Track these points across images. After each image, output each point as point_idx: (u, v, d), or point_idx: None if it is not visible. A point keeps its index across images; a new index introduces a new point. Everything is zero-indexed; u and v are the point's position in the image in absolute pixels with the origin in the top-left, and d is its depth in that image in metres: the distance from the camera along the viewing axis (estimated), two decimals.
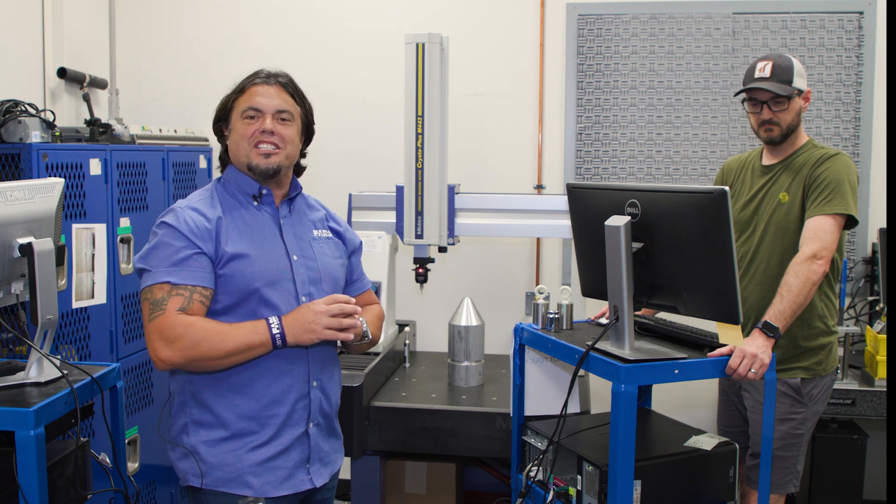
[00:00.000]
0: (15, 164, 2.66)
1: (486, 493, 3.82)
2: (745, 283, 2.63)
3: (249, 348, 1.81)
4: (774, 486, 2.55)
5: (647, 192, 2.10)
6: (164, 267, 1.83)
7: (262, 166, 1.93)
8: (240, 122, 1.94)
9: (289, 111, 1.96)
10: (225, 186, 1.99)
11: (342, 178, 3.83)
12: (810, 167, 2.56)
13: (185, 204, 1.93)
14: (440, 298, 3.87)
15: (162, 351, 1.79)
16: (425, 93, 3.11)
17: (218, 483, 1.88)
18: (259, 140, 1.92)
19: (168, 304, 1.80)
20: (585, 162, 3.88)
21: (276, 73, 1.99)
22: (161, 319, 1.79)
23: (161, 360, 1.81)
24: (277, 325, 1.82)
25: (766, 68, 2.56)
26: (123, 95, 3.88)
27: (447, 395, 3.02)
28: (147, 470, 3.23)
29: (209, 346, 1.78)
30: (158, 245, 1.86)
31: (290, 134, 1.96)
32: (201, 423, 1.90)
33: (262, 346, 1.82)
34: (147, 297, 1.83)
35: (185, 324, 1.79)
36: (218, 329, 1.81)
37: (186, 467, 1.90)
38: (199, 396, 1.90)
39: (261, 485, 1.89)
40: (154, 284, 1.82)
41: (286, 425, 1.92)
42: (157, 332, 1.80)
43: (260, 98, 1.93)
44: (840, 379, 3.25)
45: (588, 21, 3.82)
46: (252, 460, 1.89)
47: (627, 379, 1.99)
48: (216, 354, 1.79)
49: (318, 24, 3.98)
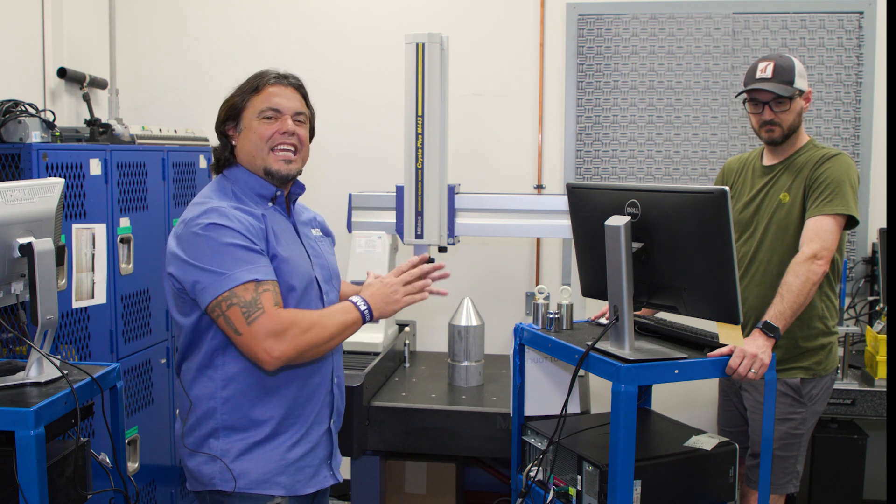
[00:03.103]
0: (15, 164, 2.66)
1: (486, 493, 3.82)
2: (746, 284, 2.63)
3: (346, 328, 1.86)
4: (774, 486, 2.55)
5: (647, 192, 2.10)
6: (242, 267, 1.76)
7: (284, 172, 1.91)
8: (256, 121, 1.91)
9: (304, 113, 1.96)
10: (239, 188, 1.94)
11: (342, 178, 3.83)
12: (811, 167, 2.56)
13: (217, 204, 1.84)
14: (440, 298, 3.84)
15: (275, 348, 1.74)
16: (425, 93, 3.11)
17: (251, 486, 1.86)
18: (280, 142, 1.90)
19: (263, 301, 1.75)
20: (585, 162, 3.88)
21: (286, 73, 1.98)
22: (265, 318, 1.74)
23: (275, 358, 1.75)
24: (364, 303, 1.89)
25: (768, 69, 2.56)
26: (123, 95, 3.88)
27: (447, 395, 3.02)
28: (147, 470, 3.23)
29: (316, 333, 1.79)
30: (223, 247, 1.77)
31: (305, 136, 1.96)
32: (233, 428, 1.87)
33: (355, 324, 1.88)
34: (234, 302, 1.74)
35: (288, 316, 1.77)
36: (315, 316, 1.82)
37: (213, 472, 1.87)
38: (231, 401, 1.87)
39: (291, 483, 1.90)
40: (236, 287, 1.74)
41: (315, 423, 1.95)
42: (264, 332, 1.74)
43: (279, 98, 1.91)
44: (840, 379, 3.25)
45: (588, 21, 3.82)
46: (286, 460, 1.89)
47: (627, 379, 1.99)
48: (323, 339, 1.81)
49: (319, 23, 3.98)
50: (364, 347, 3.12)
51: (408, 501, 3.30)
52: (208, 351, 1.86)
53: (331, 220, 3.73)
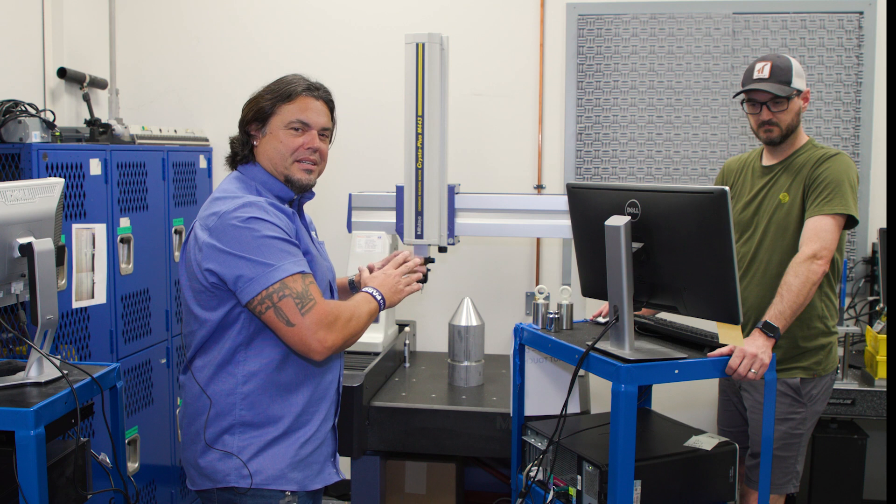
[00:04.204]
0: (15, 164, 2.66)
1: (486, 493, 3.82)
2: (746, 284, 2.63)
3: (371, 316, 1.95)
4: (774, 486, 2.56)
5: (647, 192, 2.10)
6: (289, 259, 1.80)
7: (304, 181, 1.96)
8: (284, 131, 1.93)
9: (329, 129, 2.01)
10: (262, 186, 1.95)
11: (342, 178, 3.83)
12: (810, 167, 2.56)
13: (252, 199, 1.85)
14: (440, 298, 3.87)
15: (328, 338, 1.81)
16: (425, 93, 3.10)
17: (266, 482, 1.88)
18: (304, 156, 1.94)
19: (312, 292, 1.81)
20: (585, 162, 3.88)
21: (318, 84, 2.00)
22: (318, 308, 1.80)
23: (327, 348, 1.82)
24: (378, 292, 1.99)
25: (765, 69, 2.56)
26: (123, 95, 3.88)
27: (447, 395, 3.02)
28: (147, 470, 3.23)
29: (356, 322, 1.88)
30: (267, 239, 1.79)
31: (326, 151, 2.00)
32: (251, 424, 1.89)
33: (375, 312, 1.97)
34: (286, 293, 1.77)
35: (334, 306, 1.85)
36: (351, 306, 1.91)
37: (228, 468, 1.87)
38: (250, 398, 1.88)
39: (301, 479, 1.92)
40: (286, 278, 1.78)
41: (325, 420, 1.98)
42: (317, 322, 1.79)
43: (311, 113, 1.94)
44: (840, 379, 3.25)
45: (588, 21, 3.82)
46: (298, 457, 1.91)
47: (627, 379, 1.99)
48: (360, 328, 1.90)
49: (319, 23, 3.98)
50: (364, 347, 3.11)
51: (408, 501, 3.30)
52: (232, 347, 1.87)
53: (331, 220, 3.77)
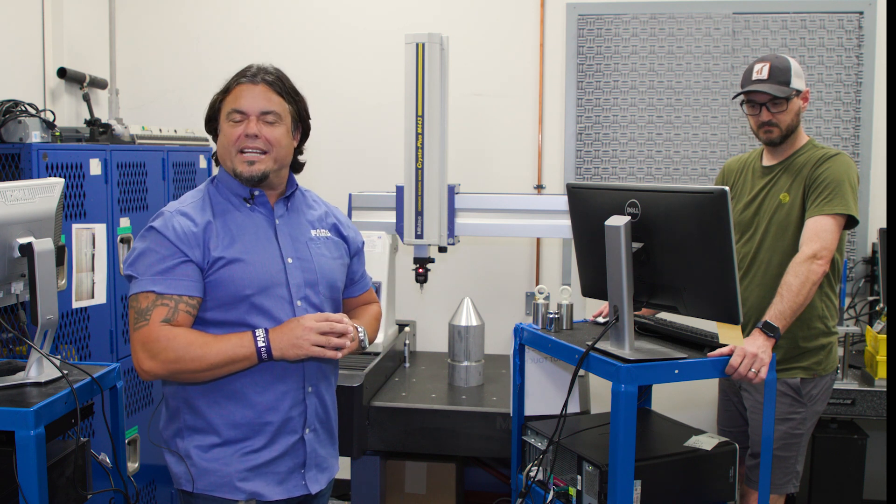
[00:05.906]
0: (15, 164, 2.66)
1: (486, 493, 3.82)
2: (746, 284, 2.63)
3: (233, 361, 1.78)
4: (774, 486, 2.55)
5: (647, 192, 2.10)
6: (150, 275, 1.80)
7: (246, 174, 1.87)
8: (226, 124, 1.89)
9: (275, 111, 1.88)
10: (217, 188, 1.95)
11: (342, 178, 3.83)
12: (810, 167, 2.56)
13: (175, 207, 1.90)
14: (440, 298, 3.87)
15: (145, 363, 1.78)
16: (425, 93, 3.11)
17: (209, 488, 1.86)
18: (245, 145, 1.87)
19: (152, 314, 1.78)
20: (585, 162, 3.88)
21: (263, 69, 1.93)
22: (145, 331, 1.78)
23: (144, 372, 1.79)
24: (263, 339, 1.78)
25: (764, 70, 2.56)
26: (123, 95, 3.88)
27: (447, 395, 3.02)
28: (147, 470, 3.23)
29: (192, 358, 1.76)
30: (145, 251, 1.83)
31: (276, 135, 1.88)
32: (195, 429, 1.88)
33: (247, 359, 1.79)
34: (133, 306, 1.81)
35: (169, 336, 1.76)
36: (202, 341, 1.77)
37: (179, 472, 1.89)
38: (192, 403, 1.88)
39: (252, 489, 1.87)
40: (140, 293, 1.80)
41: (281, 432, 1.90)
42: (140, 343, 1.78)
43: (244, 100, 1.87)
44: (840, 379, 3.25)
45: (588, 21, 3.82)
46: (243, 466, 1.87)
47: (627, 379, 1.99)
48: (199, 367, 1.77)
49: (319, 23, 3.98)
50: None
51: (408, 501, 3.30)
52: None
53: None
